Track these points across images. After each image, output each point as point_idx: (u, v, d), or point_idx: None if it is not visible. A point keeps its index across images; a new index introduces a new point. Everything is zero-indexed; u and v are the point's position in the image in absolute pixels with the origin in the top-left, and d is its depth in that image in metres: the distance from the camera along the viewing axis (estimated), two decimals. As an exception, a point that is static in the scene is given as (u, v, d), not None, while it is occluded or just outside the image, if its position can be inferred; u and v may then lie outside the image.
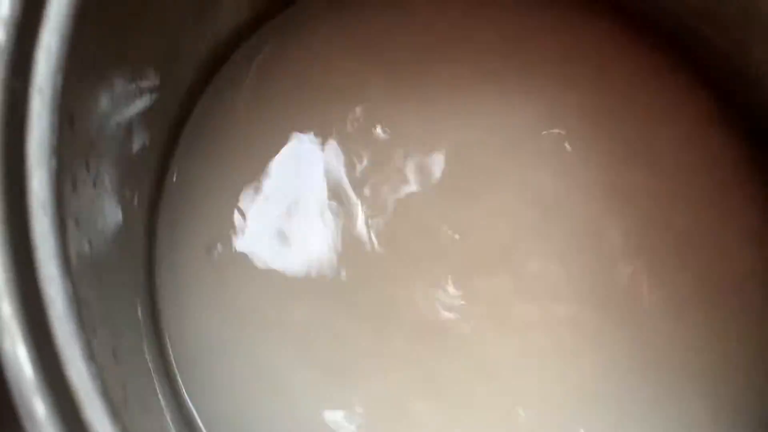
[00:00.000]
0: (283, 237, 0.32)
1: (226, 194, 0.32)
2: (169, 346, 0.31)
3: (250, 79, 0.33)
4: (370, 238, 0.32)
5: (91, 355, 0.18)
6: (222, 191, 0.32)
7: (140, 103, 0.27)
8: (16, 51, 0.18)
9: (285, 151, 0.33)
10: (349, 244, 0.32)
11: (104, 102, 0.23)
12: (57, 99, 0.19)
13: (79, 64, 0.20)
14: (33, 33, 0.19)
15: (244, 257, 0.32)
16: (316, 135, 0.33)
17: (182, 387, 0.31)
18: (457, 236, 0.32)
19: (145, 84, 0.27)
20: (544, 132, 0.33)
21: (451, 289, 0.31)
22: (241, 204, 0.32)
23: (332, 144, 0.33)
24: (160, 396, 0.27)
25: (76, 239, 0.20)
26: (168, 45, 0.29)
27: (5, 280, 0.16)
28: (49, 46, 0.19)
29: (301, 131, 0.33)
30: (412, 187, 0.32)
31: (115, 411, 0.17)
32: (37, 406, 0.16)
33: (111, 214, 0.25)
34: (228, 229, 0.32)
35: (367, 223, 0.32)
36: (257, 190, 0.32)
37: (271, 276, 0.32)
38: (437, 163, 0.32)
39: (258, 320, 0.31)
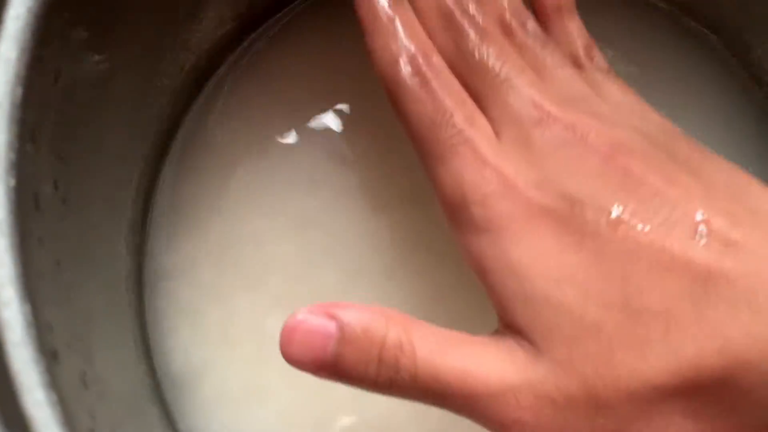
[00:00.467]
0: (269, 255, 0.31)
1: (214, 212, 0.31)
2: (158, 369, 0.30)
3: (233, 93, 0.33)
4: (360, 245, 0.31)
5: (51, 382, 0.17)
6: (210, 209, 0.32)
7: (118, 118, 0.27)
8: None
9: (271, 163, 0.32)
10: (334, 255, 0.31)
11: (75, 118, 0.22)
12: (16, 113, 0.18)
13: (41, 77, 0.19)
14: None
15: (230, 276, 0.31)
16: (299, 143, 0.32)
17: (171, 408, 0.30)
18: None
19: (123, 97, 0.27)
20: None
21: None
22: (229, 222, 0.31)
23: (316, 152, 0.32)
24: (139, 420, 0.26)
25: (40, 259, 0.19)
26: (148, 57, 0.28)
27: (-45, 305, 0.15)
28: (7, 57, 0.18)
29: (284, 140, 0.32)
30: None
31: (77, 441, 0.16)
32: (-11, 440, 0.15)
33: (86, 232, 0.24)
34: (214, 248, 0.31)
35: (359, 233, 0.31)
36: (244, 207, 0.31)
37: (259, 292, 0.31)
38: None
39: (245, 338, 0.30)
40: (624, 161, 0.20)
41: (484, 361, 0.20)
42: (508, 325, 0.20)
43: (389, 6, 0.24)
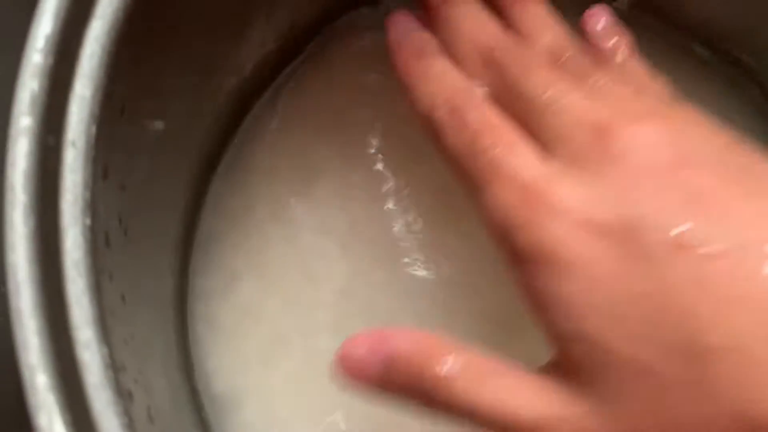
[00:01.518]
0: (314, 275, 0.31)
1: (258, 234, 0.32)
2: (203, 400, 0.30)
3: (277, 116, 0.33)
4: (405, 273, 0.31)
5: (129, 423, 0.17)
6: (254, 231, 0.32)
7: (169, 145, 0.27)
8: (48, 103, 0.17)
9: (315, 185, 0.32)
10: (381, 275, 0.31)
11: (137, 150, 0.22)
12: (90, 151, 0.18)
13: (110, 112, 0.19)
14: (66, 82, 0.18)
15: (272, 296, 0.31)
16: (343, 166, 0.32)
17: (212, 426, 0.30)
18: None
19: (175, 124, 0.27)
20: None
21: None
22: (273, 250, 0.31)
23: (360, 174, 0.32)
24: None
25: (111, 296, 0.19)
26: (197, 82, 0.28)
27: (41, 350, 0.15)
28: (82, 94, 0.18)
29: (327, 162, 0.32)
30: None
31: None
32: (76, 487, 0.15)
33: (140, 262, 0.24)
34: (257, 269, 0.31)
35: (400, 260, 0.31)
36: (289, 228, 0.31)
37: (302, 313, 0.31)
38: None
39: (287, 358, 0.30)
40: (687, 176, 0.19)
41: (520, 395, 0.19)
42: (558, 362, 0.19)
43: (420, 59, 0.25)
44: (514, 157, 0.21)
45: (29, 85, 0.17)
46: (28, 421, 0.15)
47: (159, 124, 0.25)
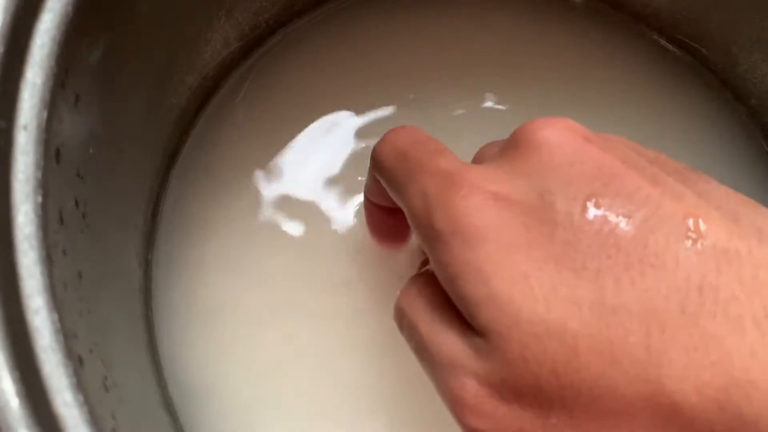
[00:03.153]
0: (275, 264, 0.32)
1: (219, 223, 0.33)
2: (167, 377, 0.31)
3: (239, 106, 0.34)
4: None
5: (78, 384, 0.18)
6: (215, 220, 0.33)
7: (130, 137, 0.28)
8: (1, 89, 0.19)
9: (278, 179, 0.33)
10: (337, 264, 0.32)
11: (91, 136, 0.23)
12: (42, 134, 0.19)
13: (63, 100, 0.21)
14: (18, 70, 0.19)
15: (237, 285, 0.32)
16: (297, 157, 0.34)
17: (180, 413, 0.31)
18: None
19: (134, 116, 0.28)
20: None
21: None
22: (232, 233, 0.32)
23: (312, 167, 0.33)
24: (153, 424, 0.27)
25: (65, 271, 0.20)
26: (158, 77, 0.30)
27: (-9, 314, 0.17)
28: (33, 81, 0.19)
29: (282, 155, 0.34)
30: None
31: (102, 440, 0.17)
32: (24, 437, 0.16)
33: (103, 246, 0.25)
34: (225, 265, 0.32)
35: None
36: (248, 220, 0.33)
37: (265, 302, 0.32)
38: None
39: (254, 357, 0.31)
40: (598, 153, 0.19)
41: (446, 338, 0.20)
42: (474, 328, 0.19)
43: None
44: (439, 156, 0.21)
45: (-19, 72, 0.18)
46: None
47: (116, 119, 0.26)
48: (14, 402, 0.16)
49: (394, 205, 0.24)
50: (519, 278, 0.18)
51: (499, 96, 0.34)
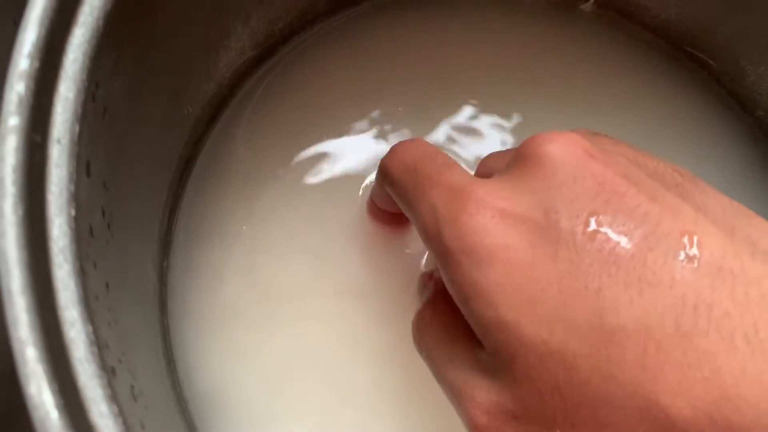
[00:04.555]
0: (288, 270, 0.33)
1: (234, 231, 0.33)
2: (182, 383, 0.32)
3: (253, 113, 0.35)
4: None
5: (112, 395, 0.18)
6: (230, 228, 0.33)
7: (149, 146, 0.28)
8: (35, 104, 0.19)
9: (291, 186, 0.33)
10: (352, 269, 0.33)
11: (116, 146, 0.24)
12: (74, 148, 0.20)
13: (93, 113, 0.21)
14: (51, 85, 0.20)
15: (254, 300, 0.32)
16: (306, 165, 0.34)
17: (194, 418, 0.31)
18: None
19: (152, 126, 0.28)
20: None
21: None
22: (250, 240, 0.33)
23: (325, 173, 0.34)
24: (175, 429, 0.27)
25: (96, 282, 0.20)
26: (176, 86, 0.30)
27: (29, 325, 0.17)
28: (66, 95, 0.20)
29: (294, 161, 0.34)
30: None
31: (136, 449, 0.18)
32: (63, 448, 0.16)
33: (123, 255, 0.26)
34: (238, 271, 0.33)
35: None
36: (262, 233, 0.33)
37: (281, 307, 0.32)
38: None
39: (267, 363, 0.32)
40: (600, 168, 0.19)
41: (461, 364, 0.21)
42: (485, 346, 0.20)
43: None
44: (447, 170, 0.22)
45: (16, 87, 0.19)
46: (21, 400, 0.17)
47: (136, 128, 0.26)
48: (54, 414, 0.17)
49: (398, 210, 0.25)
50: (525, 304, 0.18)
51: (508, 105, 0.35)
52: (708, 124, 0.36)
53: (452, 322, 0.22)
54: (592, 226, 0.18)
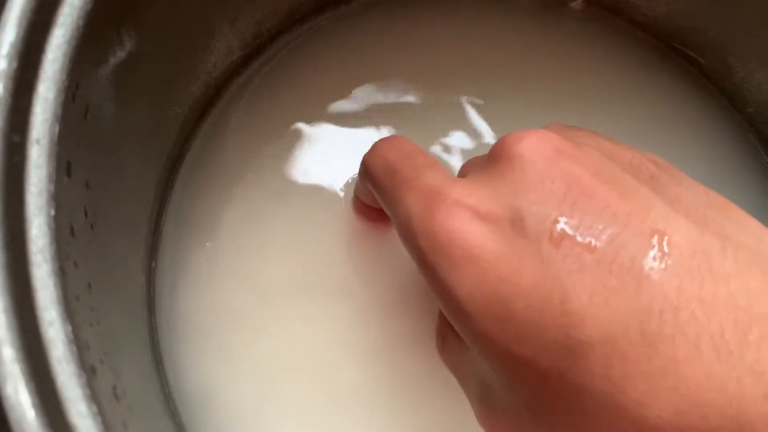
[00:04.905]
0: (274, 268, 0.33)
1: (221, 232, 0.33)
2: (171, 384, 0.32)
3: (240, 113, 0.35)
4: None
5: (91, 395, 0.18)
6: (217, 229, 0.33)
7: (135, 146, 0.28)
8: (13, 103, 0.19)
9: (279, 185, 0.33)
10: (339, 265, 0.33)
11: (99, 146, 0.24)
12: (54, 148, 0.20)
13: (73, 113, 0.21)
14: (30, 85, 0.20)
15: (243, 301, 0.32)
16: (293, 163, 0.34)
17: (184, 420, 0.31)
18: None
19: (139, 126, 0.28)
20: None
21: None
22: (238, 241, 0.33)
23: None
24: (160, 424, 0.27)
25: (76, 282, 0.20)
26: (163, 87, 0.30)
27: (7, 326, 0.17)
28: (45, 96, 0.20)
29: (290, 161, 0.34)
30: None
31: (116, 449, 0.18)
32: (40, 448, 0.16)
33: (108, 256, 0.26)
34: (226, 272, 0.33)
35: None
36: (246, 225, 0.33)
37: (267, 308, 0.32)
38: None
39: (256, 364, 0.32)
40: (569, 167, 0.19)
41: (474, 376, 0.22)
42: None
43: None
44: (426, 171, 0.21)
45: (-5, 87, 0.19)
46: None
47: (122, 129, 0.26)
48: (30, 413, 0.17)
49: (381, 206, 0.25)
50: (495, 320, 0.18)
51: (497, 102, 0.35)
52: (697, 120, 0.36)
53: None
54: (558, 230, 0.18)
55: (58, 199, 0.19)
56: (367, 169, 0.25)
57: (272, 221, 0.33)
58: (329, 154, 0.34)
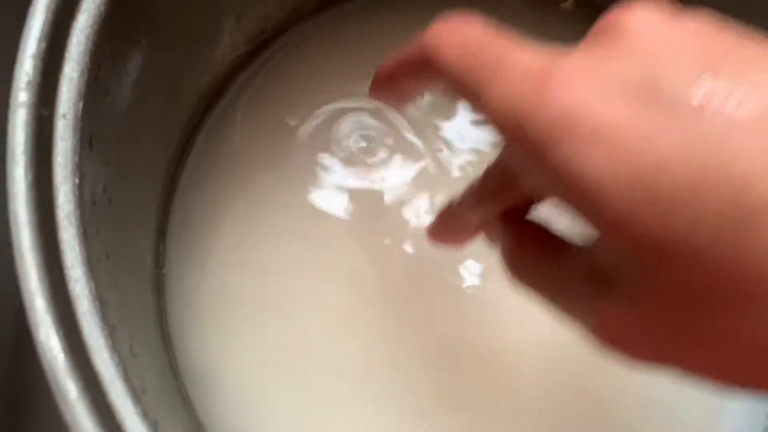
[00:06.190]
0: (282, 254, 0.34)
1: (228, 218, 0.34)
2: (182, 375, 0.33)
3: (246, 105, 0.36)
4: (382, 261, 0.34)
5: (113, 346, 0.20)
6: (224, 215, 0.34)
7: (148, 131, 0.30)
8: (42, 82, 0.21)
9: (285, 171, 0.35)
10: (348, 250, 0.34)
11: (115, 128, 0.25)
12: (78, 123, 0.21)
13: (95, 93, 0.23)
14: (57, 65, 0.21)
15: (249, 285, 0.34)
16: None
17: (191, 397, 0.32)
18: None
19: (151, 113, 0.30)
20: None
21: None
22: (244, 227, 0.34)
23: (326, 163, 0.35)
24: (171, 391, 0.28)
25: (98, 247, 0.22)
26: (173, 77, 0.32)
27: (39, 280, 0.19)
28: (71, 75, 0.22)
29: (293, 151, 0.35)
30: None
31: (136, 395, 0.19)
32: (70, 388, 0.18)
33: (123, 232, 0.27)
34: (233, 257, 0.34)
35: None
36: (254, 210, 0.34)
37: (271, 291, 0.33)
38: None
39: (265, 345, 0.33)
40: (694, 26, 0.17)
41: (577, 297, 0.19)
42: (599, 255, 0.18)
43: None
44: (518, 49, 0.19)
45: (26, 66, 0.20)
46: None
47: (135, 113, 0.28)
48: (60, 357, 0.18)
49: (487, 211, 0.23)
50: (641, 190, 0.16)
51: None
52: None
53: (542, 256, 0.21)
54: (702, 89, 0.16)
55: (82, 170, 0.21)
56: (436, 51, 0.21)
57: (277, 208, 0.34)
58: (334, 145, 0.35)
